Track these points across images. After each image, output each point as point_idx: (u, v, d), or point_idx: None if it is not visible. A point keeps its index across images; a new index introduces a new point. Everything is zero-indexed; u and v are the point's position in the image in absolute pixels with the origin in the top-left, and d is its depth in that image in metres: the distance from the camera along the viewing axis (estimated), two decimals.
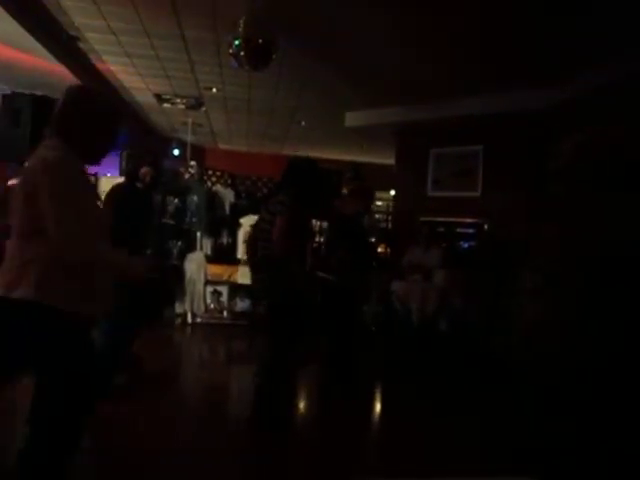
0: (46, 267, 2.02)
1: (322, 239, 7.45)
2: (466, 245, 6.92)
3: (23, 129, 4.05)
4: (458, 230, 6.99)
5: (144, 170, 4.68)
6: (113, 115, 2.29)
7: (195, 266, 7.31)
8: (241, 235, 7.39)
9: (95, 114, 2.17)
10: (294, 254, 3.69)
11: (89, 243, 2.07)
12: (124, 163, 4.73)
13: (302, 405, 4.63)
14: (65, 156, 2.09)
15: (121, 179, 4.71)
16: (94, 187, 2.27)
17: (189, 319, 7.26)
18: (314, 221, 7.68)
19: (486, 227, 6.67)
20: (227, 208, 8.19)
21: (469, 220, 6.85)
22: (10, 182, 4.07)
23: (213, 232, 7.78)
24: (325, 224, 7.44)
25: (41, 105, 4.20)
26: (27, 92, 4.30)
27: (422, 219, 6.98)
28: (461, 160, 6.97)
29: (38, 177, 2.03)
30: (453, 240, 6.91)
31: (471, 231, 6.87)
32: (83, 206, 2.10)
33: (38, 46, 5.00)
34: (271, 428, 3.61)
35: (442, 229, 6.93)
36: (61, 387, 2.14)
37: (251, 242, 4.13)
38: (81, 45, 5.55)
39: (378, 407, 4.83)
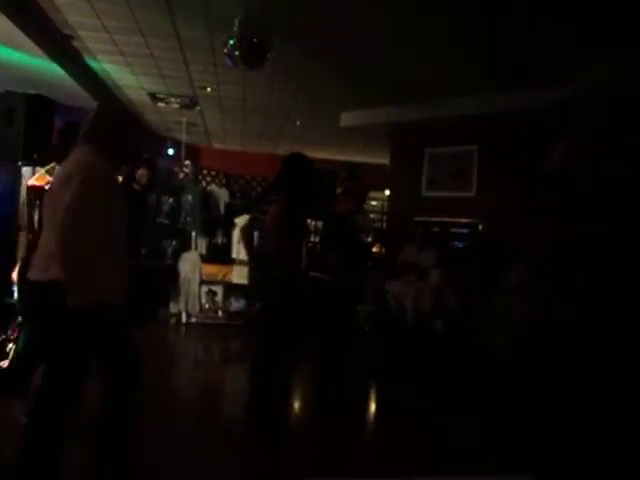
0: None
1: (318, 238, 7.45)
2: (460, 245, 6.94)
3: (17, 128, 4.04)
4: (452, 230, 7.01)
5: (140, 172, 4.66)
6: (132, 128, 2.75)
7: (190, 266, 7.29)
8: (236, 235, 7.38)
9: (118, 126, 2.57)
10: (289, 253, 3.72)
11: (79, 242, 2.29)
12: None
13: (298, 405, 4.63)
14: (97, 160, 2.43)
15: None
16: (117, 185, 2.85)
17: (184, 319, 7.24)
18: (309, 221, 7.69)
19: (480, 227, 6.69)
20: (222, 208, 8.17)
21: (463, 220, 6.86)
22: (30, 182, 4.13)
23: (208, 232, 7.76)
24: (321, 224, 7.44)
25: (35, 104, 4.19)
26: (21, 91, 4.28)
27: (417, 219, 6.99)
28: (456, 160, 6.99)
29: (74, 177, 2.32)
30: (447, 240, 6.92)
31: (465, 231, 6.89)
32: (112, 206, 2.47)
33: (31, 44, 4.97)
34: (267, 428, 3.61)
35: (437, 229, 6.94)
36: (70, 362, 2.34)
37: (247, 232, 4.18)
38: (75, 44, 5.51)
39: (374, 407, 4.84)
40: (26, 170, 6.16)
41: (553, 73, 5.25)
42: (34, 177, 4.17)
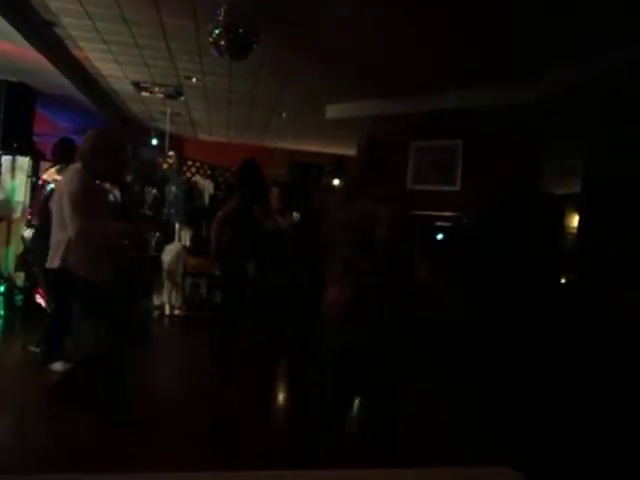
0: (69, 247, 3.23)
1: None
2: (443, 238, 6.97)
3: None
4: (437, 223, 7.03)
5: None
6: (118, 151, 3.63)
7: (173, 258, 7.24)
8: None
9: (101, 149, 3.36)
10: (231, 247, 4.30)
11: (88, 228, 3.22)
12: None
13: (280, 398, 4.63)
14: (81, 177, 3.29)
15: None
16: (105, 194, 3.92)
17: (167, 311, 7.20)
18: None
19: (464, 221, 6.72)
20: (206, 199, 8.12)
21: (448, 214, 6.89)
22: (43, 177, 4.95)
23: (192, 223, 7.71)
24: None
25: (15, 92, 4.12)
26: (2, 78, 4.21)
27: None
28: (441, 154, 7.00)
29: (64, 189, 3.28)
30: (431, 233, 6.94)
31: (449, 225, 6.92)
32: (92, 206, 3.26)
33: (13, 31, 4.87)
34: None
35: (421, 222, 6.96)
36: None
37: None
38: (57, 31, 5.42)
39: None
40: (6, 159, 6.08)
41: (535, 68, 5.28)
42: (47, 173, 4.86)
